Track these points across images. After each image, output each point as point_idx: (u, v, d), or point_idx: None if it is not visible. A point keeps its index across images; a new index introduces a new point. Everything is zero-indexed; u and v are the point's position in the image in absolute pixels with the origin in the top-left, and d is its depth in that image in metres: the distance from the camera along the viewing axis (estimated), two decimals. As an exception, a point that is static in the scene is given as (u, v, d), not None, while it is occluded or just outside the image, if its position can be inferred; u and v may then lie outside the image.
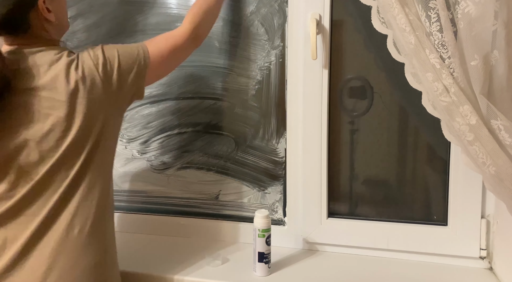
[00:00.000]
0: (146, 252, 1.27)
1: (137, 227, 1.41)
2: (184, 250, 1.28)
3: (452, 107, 0.89)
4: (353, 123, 1.24)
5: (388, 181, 1.24)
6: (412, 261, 1.19)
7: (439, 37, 0.89)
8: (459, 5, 0.85)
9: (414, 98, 1.09)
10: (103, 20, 1.37)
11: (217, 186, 1.35)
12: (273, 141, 1.29)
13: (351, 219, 1.25)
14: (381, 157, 1.23)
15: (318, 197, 1.24)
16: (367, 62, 1.21)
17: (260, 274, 1.13)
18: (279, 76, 1.26)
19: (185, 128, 1.35)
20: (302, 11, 1.19)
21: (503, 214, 1.07)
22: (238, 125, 1.31)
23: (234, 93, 1.30)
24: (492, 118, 0.85)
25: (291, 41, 1.22)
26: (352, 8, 1.19)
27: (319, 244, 1.26)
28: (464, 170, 1.11)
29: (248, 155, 1.31)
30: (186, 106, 1.34)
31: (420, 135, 1.20)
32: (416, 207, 1.22)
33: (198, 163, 1.36)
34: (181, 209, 1.39)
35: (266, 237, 1.12)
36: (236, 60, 1.29)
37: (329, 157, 1.24)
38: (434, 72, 0.89)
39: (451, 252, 1.16)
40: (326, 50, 1.19)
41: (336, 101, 1.23)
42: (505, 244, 1.07)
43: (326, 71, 1.20)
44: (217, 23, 1.26)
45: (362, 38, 1.20)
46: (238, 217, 1.34)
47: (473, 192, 1.13)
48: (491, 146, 0.85)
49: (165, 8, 1.32)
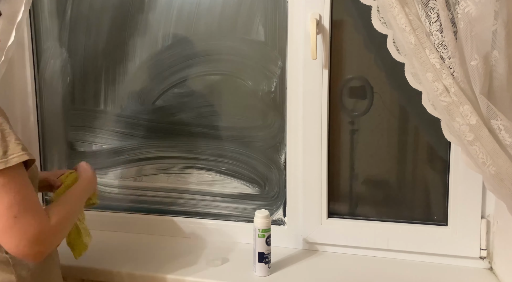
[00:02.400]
0: (146, 252, 1.27)
1: (137, 227, 1.41)
2: (184, 250, 1.28)
3: (452, 107, 0.89)
4: (353, 123, 1.24)
5: (388, 181, 1.24)
6: (412, 261, 1.19)
7: (439, 37, 0.89)
8: (459, 5, 0.85)
9: (414, 98, 1.09)
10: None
11: (217, 185, 1.35)
12: (273, 141, 1.29)
13: (351, 219, 1.25)
14: (381, 157, 1.23)
15: (318, 197, 1.24)
16: (367, 62, 1.20)
17: (260, 274, 1.13)
18: (279, 76, 1.26)
19: (183, 127, 1.36)
20: (302, 11, 1.19)
21: (503, 214, 1.07)
22: (238, 125, 1.31)
23: (234, 93, 1.30)
24: (492, 118, 0.85)
25: (291, 41, 1.22)
26: (352, 8, 1.19)
27: (319, 244, 1.26)
28: (464, 170, 1.11)
29: (248, 155, 1.31)
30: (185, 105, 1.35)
31: (420, 135, 1.20)
32: (416, 207, 1.22)
33: (198, 163, 1.36)
34: (181, 209, 1.39)
35: (266, 237, 1.12)
36: (237, 60, 1.29)
37: (329, 157, 1.24)
38: (434, 72, 0.89)
39: (451, 252, 1.16)
40: (326, 50, 1.19)
41: (336, 101, 1.23)
42: (505, 244, 1.07)
43: (326, 71, 1.20)
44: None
45: (362, 38, 1.20)
46: (238, 217, 1.34)
47: (473, 192, 1.13)
48: (491, 146, 0.85)
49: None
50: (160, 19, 1.34)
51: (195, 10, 1.30)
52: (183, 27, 1.32)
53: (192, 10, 1.31)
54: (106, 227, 1.42)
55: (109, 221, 1.42)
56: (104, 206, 1.43)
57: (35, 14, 1.43)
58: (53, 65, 1.44)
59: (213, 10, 1.29)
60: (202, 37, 1.31)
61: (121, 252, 1.28)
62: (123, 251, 1.28)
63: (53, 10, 1.42)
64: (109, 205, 1.44)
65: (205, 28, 1.30)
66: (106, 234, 1.40)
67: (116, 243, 1.34)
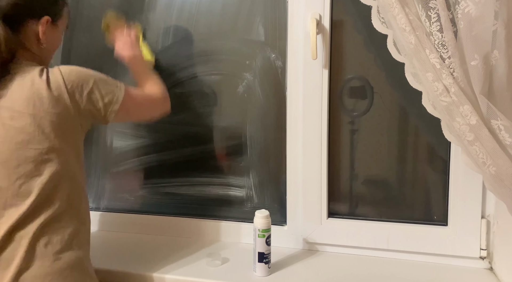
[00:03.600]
0: (146, 252, 1.27)
1: (136, 227, 1.41)
2: (184, 250, 1.28)
3: (452, 107, 0.89)
4: (353, 123, 1.24)
5: (388, 181, 1.24)
6: (412, 261, 1.19)
7: (439, 37, 0.89)
8: (459, 5, 0.85)
9: (414, 98, 1.09)
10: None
11: (217, 185, 1.35)
12: (273, 141, 1.29)
13: (351, 219, 1.25)
14: (381, 157, 1.23)
15: (318, 197, 1.24)
16: (367, 62, 1.20)
17: (260, 274, 1.13)
18: (279, 77, 1.26)
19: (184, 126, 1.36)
20: (302, 11, 1.19)
21: (503, 214, 1.07)
22: (237, 125, 1.31)
23: (234, 94, 1.30)
24: (492, 118, 0.85)
25: (291, 41, 1.22)
26: (352, 8, 1.19)
27: (319, 244, 1.26)
28: (464, 170, 1.11)
29: (248, 154, 1.31)
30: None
31: (420, 135, 1.20)
32: (416, 207, 1.22)
33: (198, 163, 1.36)
34: (181, 209, 1.39)
35: (266, 237, 1.12)
36: (237, 60, 1.29)
37: (329, 157, 1.24)
38: (434, 72, 0.89)
39: (451, 252, 1.16)
40: (326, 50, 1.19)
41: (336, 101, 1.23)
42: (505, 244, 1.07)
43: (326, 71, 1.20)
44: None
45: (362, 38, 1.19)
46: (238, 217, 1.34)
47: (473, 192, 1.13)
48: (491, 146, 0.85)
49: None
50: (160, 19, 1.34)
51: (195, 10, 1.31)
52: (183, 27, 1.32)
53: (192, 10, 1.31)
54: (104, 227, 1.42)
55: (108, 221, 1.42)
56: (100, 206, 1.44)
57: (35, 14, 1.43)
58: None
59: (213, 10, 1.29)
60: (202, 37, 1.31)
61: (120, 252, 1.27)
62: (122, 251, 1.28)
63: (53, 10, 1.42)
64: (106, 206, 1.44)
65: (205, 28, 1.30)
66: (104, 233, 1.40)
67: (114, 242, 1.34)
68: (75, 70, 0.96)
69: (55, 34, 1.04)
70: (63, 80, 0.93)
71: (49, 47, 1.03)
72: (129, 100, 1.03)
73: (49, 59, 1.07)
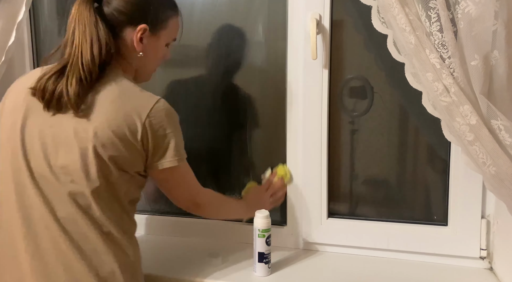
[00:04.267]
0: (145, 252, 1.26)
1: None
2: (184, 250, 1.28)
3: (452, 107, 0.89)
4: (353, 123, 1.24)
5: (388, 181, 1.24)
6: (412, 261, 1.19)
7: (439, 37, 0.89)
8: (459, 5, 0.85)
9: (414, 98, 1.09)
10: None
11: (217, 185, 1.35)
12: (273, 140, 1.29)
13: (351, 219, 1.25)
14: (381, 157, 1.23)
15: (318, 197, 1.24)
16: (367, 62, 1.20)
17: (260, 274, 1.13)
18: (279, 76, 1.26)
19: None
20: (302, 11, 1.19)
21: (503, 214, 1.07)
22: (237, 125, 1.31)
23: (234, 94, 1.30)
24: (492, 118, 0.85)
25: (291, 41, 1.22)
26: (352, 8, 1.19)
27: (319, 244, 1.26)
28: (464, 170, 1.11)
29: (248, 154, 1.31)
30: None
31: (420, 135, 1.20)
32: (416, 207, 1.22)
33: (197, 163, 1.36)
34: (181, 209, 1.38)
35: (266, 237, 1.12)
36: (237, 60, 1.29)
37: (329, 157, 1.24)
38: (434, 72, 0.89)
39: (451, 252, 1.16)
40: (326, 50, 1.19)
41: (336, 101, 1.23)
42: (505, 244, 1.07)
43: (326, 71, 1.19)
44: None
45: (362, 38, 1.19)
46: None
47: (473, 192, 1.13)
48: (491, 146, 0.85)
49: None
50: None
51: (195, 10, 1.30)
52: (182, 27, 1.32)
53: (192, 11, 1.31)
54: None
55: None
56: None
57: (35, 14, 1.43)
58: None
59: (213, 10, 1.29)
60: (202, 37, 1.31)
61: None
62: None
63: (53, 10, 1.42)
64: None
65: (205, 28, 1.30)
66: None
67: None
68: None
69: (153, 44, 0.99)
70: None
71: (146, 57, 0.99)
72: (179, 172, 1.00)
73: (146, 71, 1.04)
